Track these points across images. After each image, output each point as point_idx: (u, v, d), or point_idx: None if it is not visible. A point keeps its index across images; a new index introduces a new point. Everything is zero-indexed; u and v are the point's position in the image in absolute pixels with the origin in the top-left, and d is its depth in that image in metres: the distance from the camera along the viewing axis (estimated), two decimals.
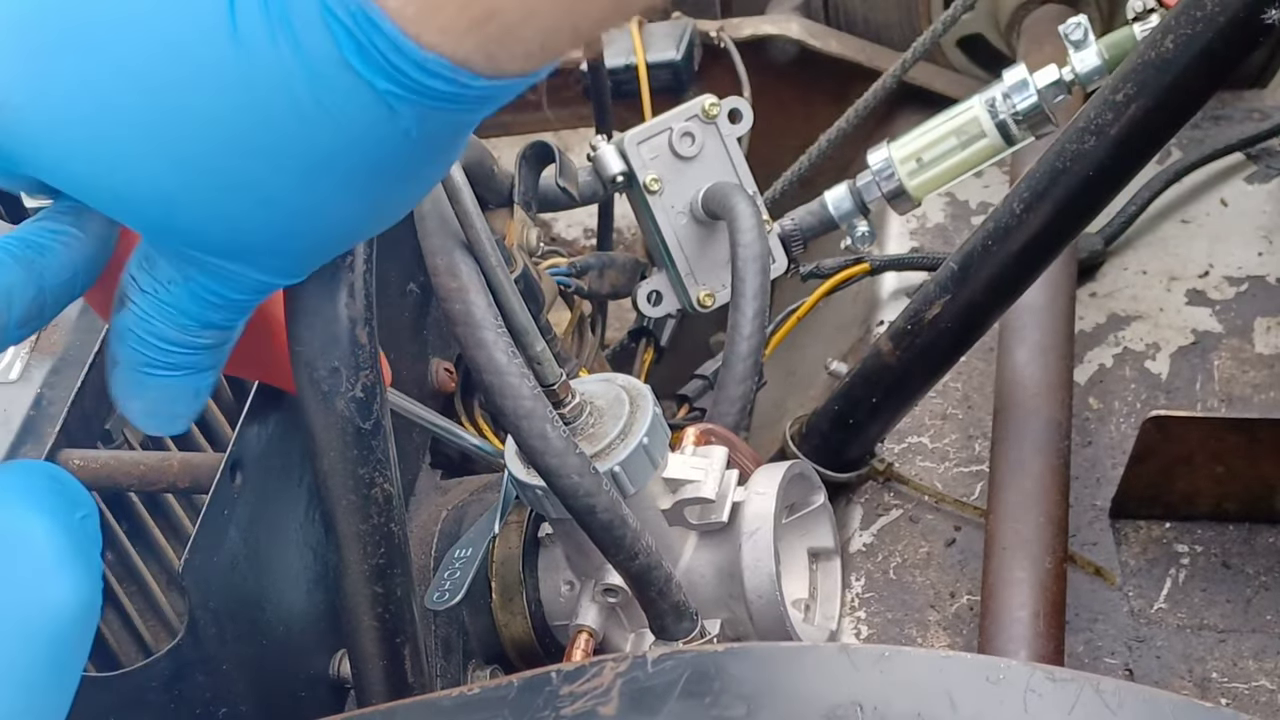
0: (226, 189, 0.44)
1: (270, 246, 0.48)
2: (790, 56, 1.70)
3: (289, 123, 0.42)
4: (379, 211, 0.49)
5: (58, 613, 0.42)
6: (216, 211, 0.45)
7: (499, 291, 0.76)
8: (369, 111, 0.42)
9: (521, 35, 0.42)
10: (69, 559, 0.43)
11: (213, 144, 0.43)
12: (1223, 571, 1.09)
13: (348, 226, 0.49)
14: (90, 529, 0.46)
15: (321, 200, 0.46)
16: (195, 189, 0.44)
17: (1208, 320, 1.31)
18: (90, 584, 0.44)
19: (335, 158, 0.44)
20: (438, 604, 0.87)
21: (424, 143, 0.45)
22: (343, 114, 0.42)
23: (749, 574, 0.87)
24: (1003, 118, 1.20)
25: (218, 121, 0.42)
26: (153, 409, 0.52)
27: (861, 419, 1.12)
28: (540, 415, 0.74)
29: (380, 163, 0.45)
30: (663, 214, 1.19)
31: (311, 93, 0.41)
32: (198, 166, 0.44)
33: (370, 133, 0.43)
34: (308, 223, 0.47)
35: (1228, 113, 1.55)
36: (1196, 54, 0.86)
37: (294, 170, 0.44)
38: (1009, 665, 0.52)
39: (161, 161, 0.44)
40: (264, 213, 0.45)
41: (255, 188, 0.44)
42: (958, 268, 1.01)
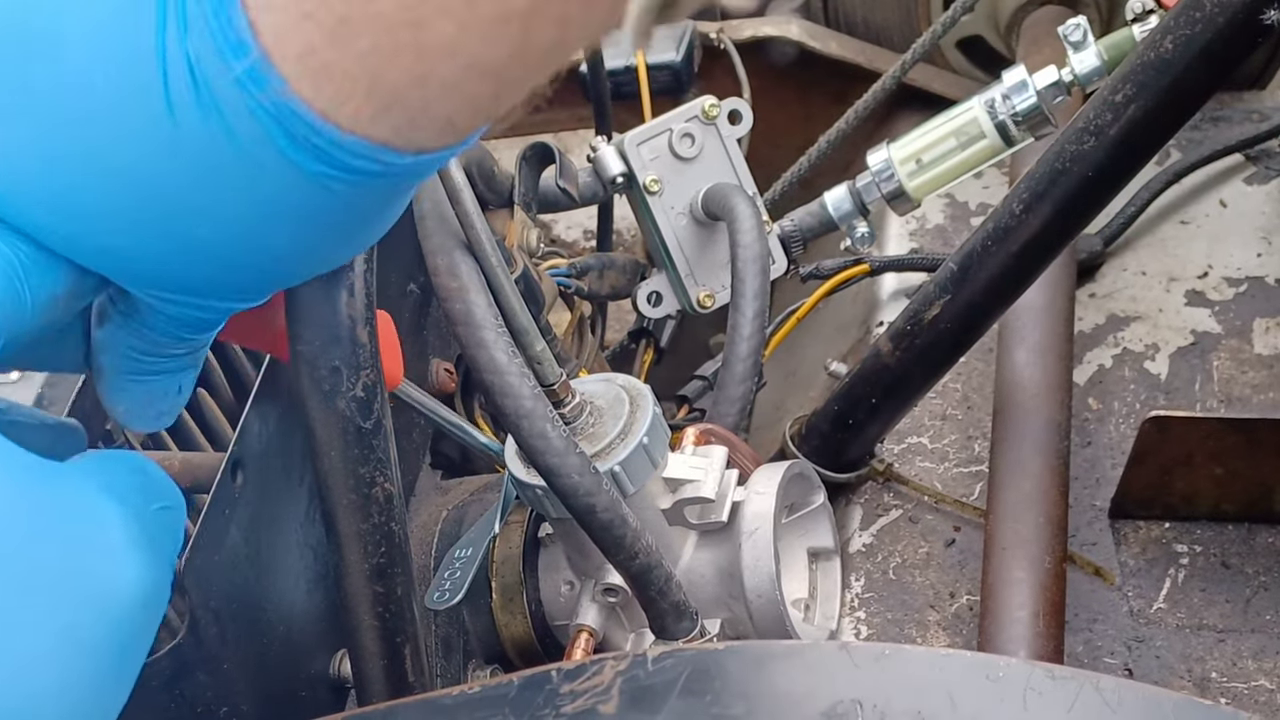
0: (173, 243, 0.46)
1: (226, 285, 0.49)
2: (790, 58, 1.70)
3: (226, 191, 0.44)
4: (337, 250, 0.51)
5: (123, 595, 0.43)
6: (166, 263, 0.47)
7: (499, 292, 0.76)
8: (303, 186, 0.44)
9: (427, 119, 0.43)
10: (138, 544, 0.44)
11: (157, 206, 0.45)
12: (1222, 571, 1.09)
13: (304, 264, 0.51)
14: (168, 521, 0.48)
15: (269, 251, 0.47)
16: (144, 244, 0.46)
17: (1207, 321, 1.31)
18: (158, 571, 0.45)
19: (276, 219, 0.45)
20: (438, 604, 0.87)
21: (365, 205, 0.46)
22: (278, 188, 0.44)
23: (749, 573, 0.87)
24: (1002, 119, 1.20)
25: (162, 186, 0.44)
26: (137, 410, 0.54)
27: (861, 419, 1.12)
28: (540, 415, 0.75)
29: (323, 221, 0.46)
30: (662, 215, 1.19)
31: (245, 170, 0.43)
32: (143, 226, 0.45)
33: (308, 202, 0.45)
34: (258, 268, 0.48)
35: (1227, 114, 1.56)
36: (1195, 55, 0.86)
37: (236, 229, 0.45)
38: (1009, 663, 0.52)
39: (109, 219, 0.45)
40: (214, 264, 0.47)
41: (200, 243, 0.46)
42: (957, 268, 1.01)
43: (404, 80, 0.42)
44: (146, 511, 0.46)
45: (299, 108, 0.42)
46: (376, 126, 0.43)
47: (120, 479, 0.46)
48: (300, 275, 0.52)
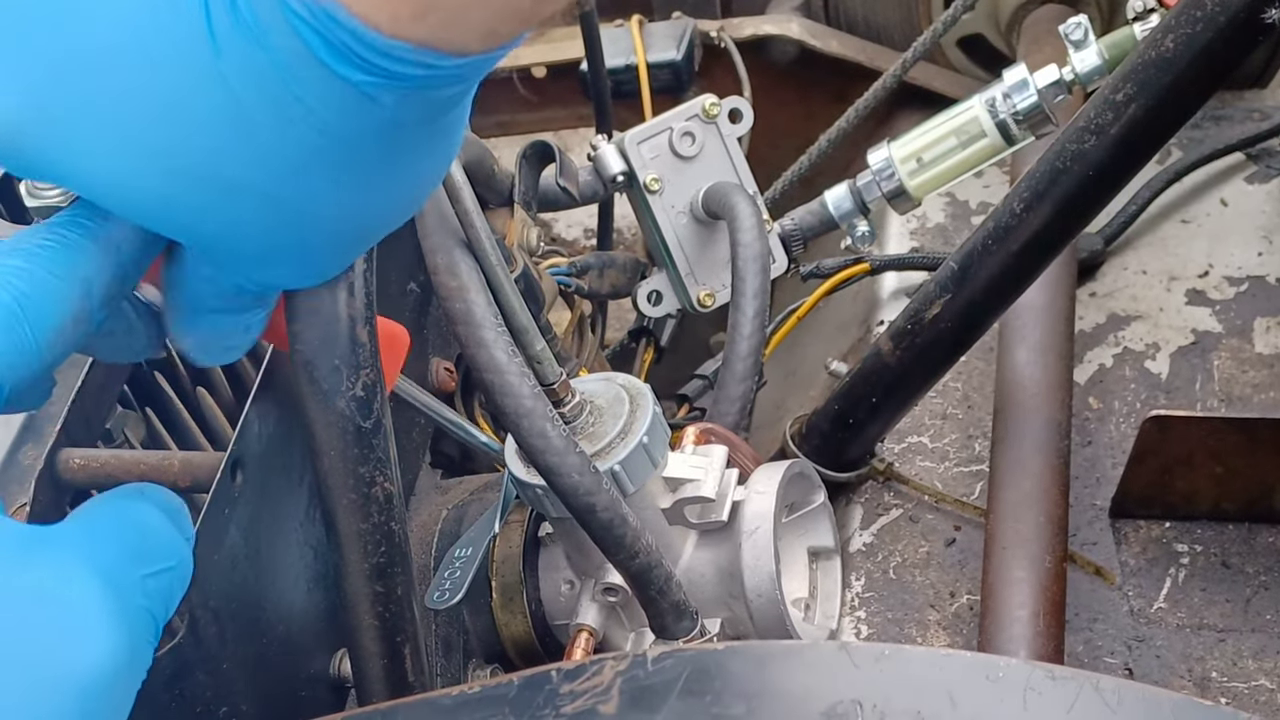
0: (224, 193, 0.45)
1: (281, 251, 0.49)
2: (790, 56, 1.70)
3: (274, 123, 0.43)
4: (386, 204, 0.50)
5: (88, 672, 0.43)
6: (219, 216, 0.46)
7: (499, 291, 0.76)
8: (350, 103, 0.43)
9: (467, 21, 0.43)
10: (112, 619, 0.44)
11: (205, 150, 0.44)
12: (1222, 571, 1.09)
13: (358, 223, 0.50)
14: (158, 585, 0.47)
15: (320, 197, 0.46)
16: (195, 194, 0.45)
17: (1207, 320, 1.31)
18: (133, 642, 0.44)
19: (326, 152, 0.45)
20: (438, 603, 0.87)
21: (413, 126, 0.46)
22: (325, 108, 0.43)
23: (749, 573, 0.87)
24: (1003, 117, 1.20)
25: (207, 129, 0.44)
26: (204, 345, 0.54)
27: (861, 418, 1.12)
28: (540, 414, 0.74)
29: (372, 152, 0.45)
30: (663, 214, 1.19)
31: (291, 92, 0.42)
32: (193, 173, 0.45)
33: (355, 123, 0.44)
34: (312, 222, 0.47)
35: (1228, 112, 1.55)
36: (1196, 53, 0.86)
37: (286, 169, 0.45)
38: (1009, 663, 0.52)
39: (159, 170, 0.45)
40: (266, 214, 0.46)
41: (251, 190, 0.45)
42: (958, 267, 1.01)
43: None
44: (129, 580, 0.46)
45: (338, 13, 0.41)
46: (417, 29, 0.42)
47: (108, 546, 0.46)
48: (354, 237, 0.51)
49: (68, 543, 0.45)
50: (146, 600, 0.46)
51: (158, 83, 0.43)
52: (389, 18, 0.42)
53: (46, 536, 0.45)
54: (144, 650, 0.46)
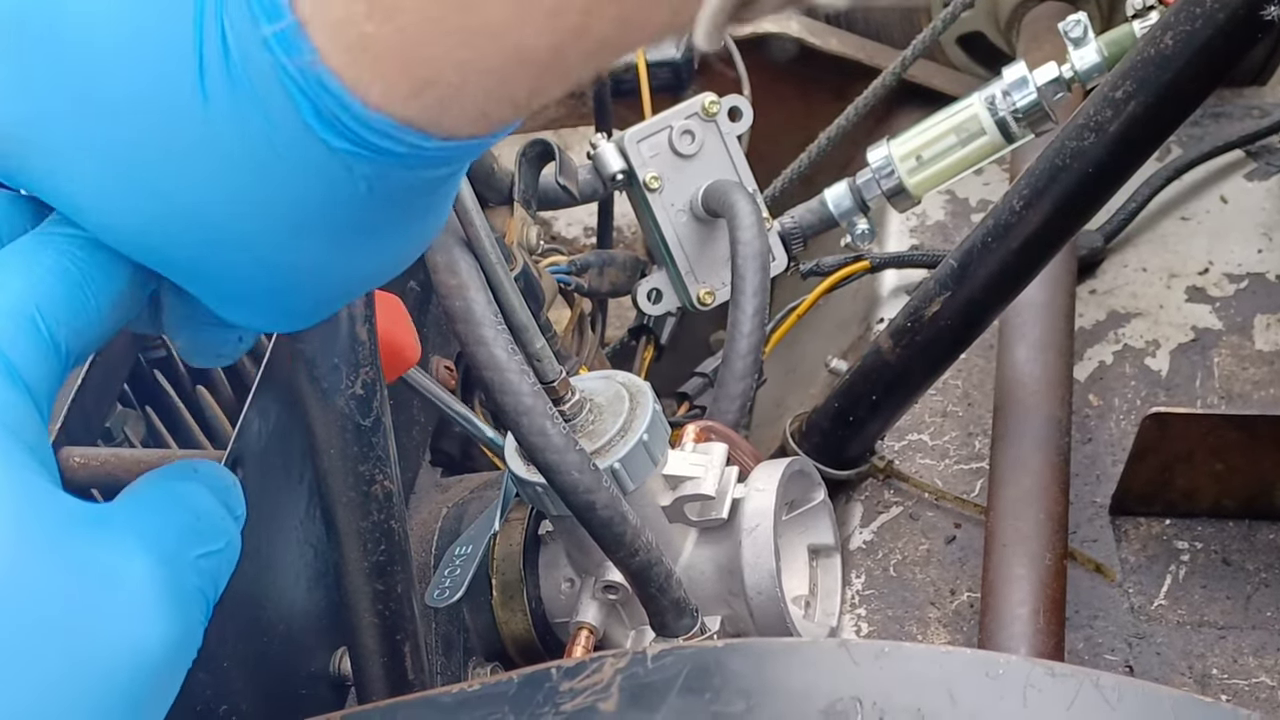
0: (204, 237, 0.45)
1: (258, 300, 0.48)
2: (790, 54, 1.70)
3: (255, 178, 0.43)
4: (366, 268, 0.49)
5: (139, 655, 0.42)
6: (198, 257, 0.46)
7: (499, 289, 0.76)
8: (331, 170, 0.43)
9: (460, 103, 0.42)
10: (164, 601, 0.43)
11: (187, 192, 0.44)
12: (1223, 568, 1.09)
13: (337, 281, 0.49)
14: (209, 566, 0.47)
15: (298, 254, 0.46)
16: (174, 233, 0.45)
17: (1207, 317, 1.31)
18: (183, 625, 0.44)
19: (304, 213, 0.44)
20: (438, 601, 0.87)
21: (390, 200, 0.45)
22: (304, 171, 0.43)
23: (749, 570, 0.87)
24: (1002, 115, 1.20)
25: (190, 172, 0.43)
26: (197, 349, 0.53)
27: (861, 416, 1.12)
28: (540, 412, 0.74)
29: (351, 220, 0.45)
30: (662, 212, 1.19)
31: (274, 149, 0.42)
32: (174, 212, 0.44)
33: (332, 191, 0.44)
34: (291, 276, 0.47)
35: (1227, 109, 1.55)
36: (1196, 51, 0.86)
37: (264, 223, 0.45)
38: (1009, 660, 0.52)
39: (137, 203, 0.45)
40: (244, 263, 0.46)
41: (230, 238, 0.45)
42: (958, 265, 1.01)
43: (443, 61, 0.41)
44: (184, 560, 0.45)
45: (328, 79, 0.41)
46: (406, 107, 0.42)
47: (163, 525, 0.46)
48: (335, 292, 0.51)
49: (124, 521, 0.45)
50: (199, 580, 0.46)
51: (145, 118, 0.43)
52: (381, 91, 0.41)
53: (102, 514, 0.44)
54: (196, 631, 0.45)
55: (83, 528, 0.43)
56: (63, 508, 0.42)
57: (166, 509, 0.47)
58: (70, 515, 0.43)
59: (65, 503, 0.43)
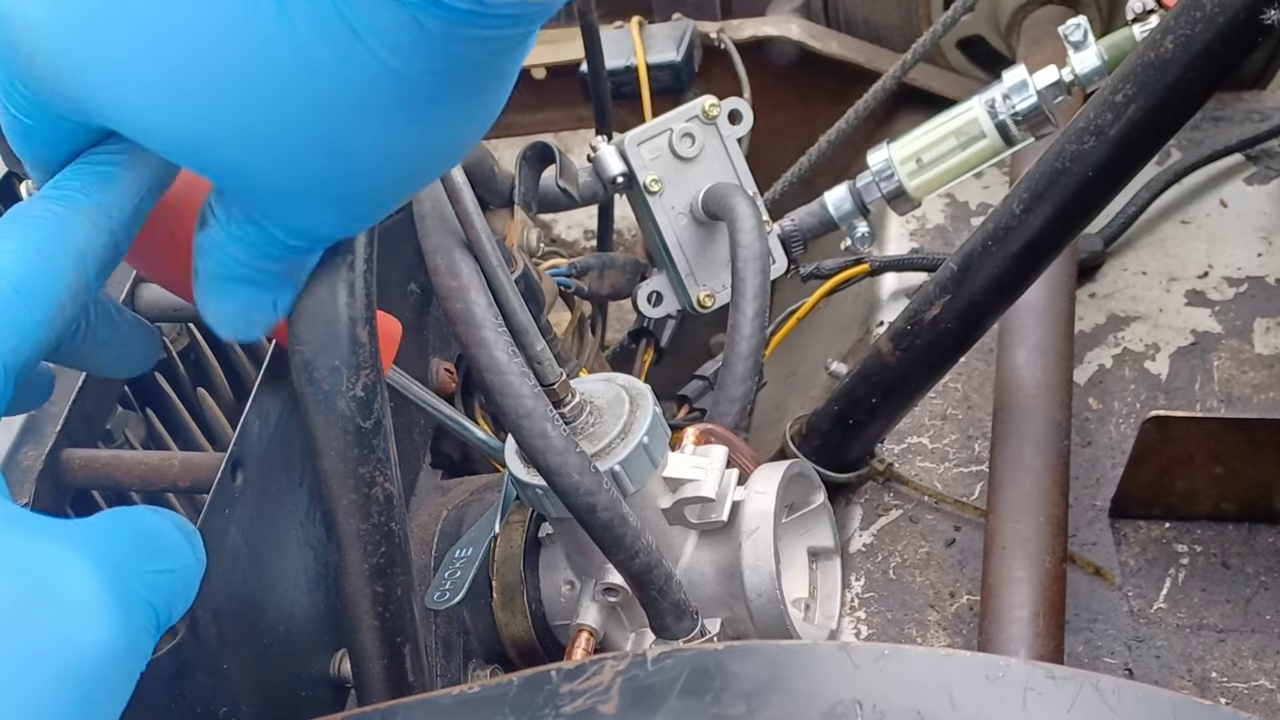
0: (274, 128, 0.46)
1: (323, 192, 0.49)
2: (790, 58, 1.70)
3: (328, 56, 0.44)
4: (430, 149, 0.50)
5: (84, 652, 0.43)
6: (266, 153, 0.46)
7: (499, 291, 0.76)
8: (401, 32, 0.44)
9: None
10: (102, 604, 0.44)
11: (257, 84, 0.44)
12: (1222, 571, 1.09)
13: (401, 166, 0.50)
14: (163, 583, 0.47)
15: (369, 134, 0.47)
16: (246, 133, 0.46)
17: (1207, 321, 1.31)
18: (124, 633, 0.44)
19: (378, 87, 0.45)
20: (438, 604, 0.87)
21: (455, 68, 0.46)
22: (378, 39, 0.44)
23: (749, 573, 0.87)
24: (1002, 118, 1.20)
25: (260, 62, 0.44)
26: (230, 318, 0.54)
27: (861, 419, 1.12)
28: (540, 414, 0.74)
29: (423, 90, 0.46)
30: (663, 215, 1.19)
31: (346, 22, 0.43)
32: (242, 107, 0.45)
33: (404, 55, 0.44)
34: (359, 161, 0.48)
35: (1227, 113, 1.56)
36: (1196, 55, 0.86)
37: (339, 104, 0.45)
38: (1009, 663, 0.52)
39: (205, 104, 0.45)
40: (313, 151, 0.47)
41: (301, 125, 0.46)
42: (957, 268, 1.01)
43: None
44: (131, 571, 0.46)
45: None
46: None
47: (110, 538, 0.46)
48: (395, 181, 0.51)
49: (71, 531, 0.45)
50: (147, 592, 0.46)
51: (209, 11, 0.43)
52: None
53: (50, 524, 0.45)
54: (143, 640, 0.46)
55: (26, 533, 0.43)
56: (6, 513, 0.43)
57: (116, 526, 0.47)
58: (13, 520, 0.43)
59: (9, 510, 0.44)
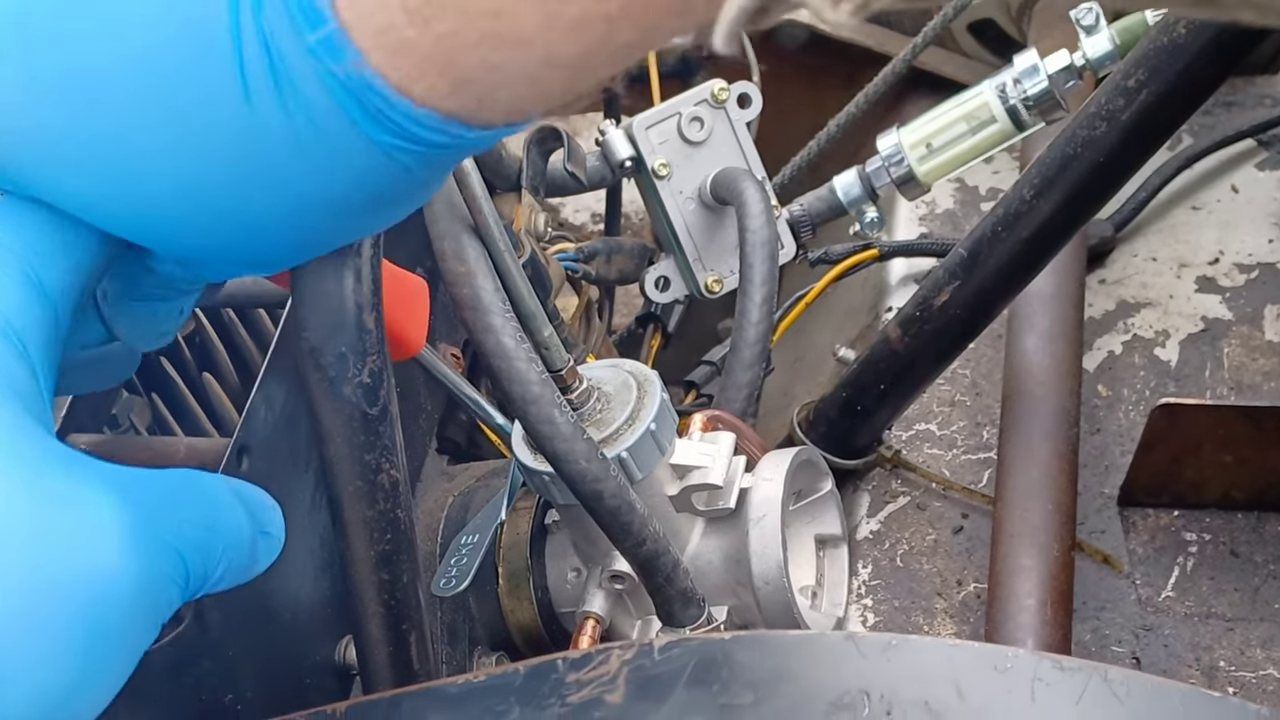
0: (222, 219, 0.47)
1: (263, 264, 0.51)
2: (799, 41, 1.69)
3: (297, 170, 0.45)
4: (378, 221, 0.52)
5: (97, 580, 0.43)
6: (211, 239, 0.48)
7: (506, 276, 0.76)
8: (374, 160, 0.46)
9: (495, 99, 0.45)
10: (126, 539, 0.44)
11: (213, 183, 0.46)
12: (1231, 560, 1.09)
13: (342, 235, 0.53)
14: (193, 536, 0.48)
15: (321, 230, 0.49)
16: (192, 219, 0.47)
17: (1218, 307, 1.30)
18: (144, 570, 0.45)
19: (340, 198, 0.47)
20: (444, 590, 0.87)
21: (422, 176, 0.48)
22: (348, 165, 0.46)
23: (756, 560, 0.87)
24: (1013, 103, 1.19)
25: (223, 166, 0.45)
26: (138, 331, 0.55)
27: (869, 406, 1.11)
28: (548, 400, 0.74)
29: (378, 196, 0.48)
30: (671, 199, 1.18)
31: (320, 145, 0.45)
32: (198, 202, 0.46)
33: (371, 176, 0.46)
34: (297, 241, 0.50)
35: (1239, 99, 1.55)
36: (1208, 40, 0.85)
37: (293, 202, 0.47)
38: (1016, 654, 0.51)
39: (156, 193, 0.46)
40: (265, 239, 0.49)
41: (250, 218, 0.47)
42: (967, 254, 1.00)
43: (479, 65, 0.43)
44: (163, 517, 0.46)
45: (374, 80, 0.43)
46: (447, 103, 0.45)
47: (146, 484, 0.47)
48: (331, 245, 0.53)
49: (106, 471, 0.46)
50: (177, 541, 0.47)
51: (178, 119, 0.44)
52: (423, 90, 0.44)
53: (87, 461, 0.46)
54: (164, 585, 0.46)
55: (61, 463, 0.44)
56: (42, 444, 0.44)
57: (158, 477, 0.48)
58: (49, 451, 0.44)
59: (45, 440, 0.44)
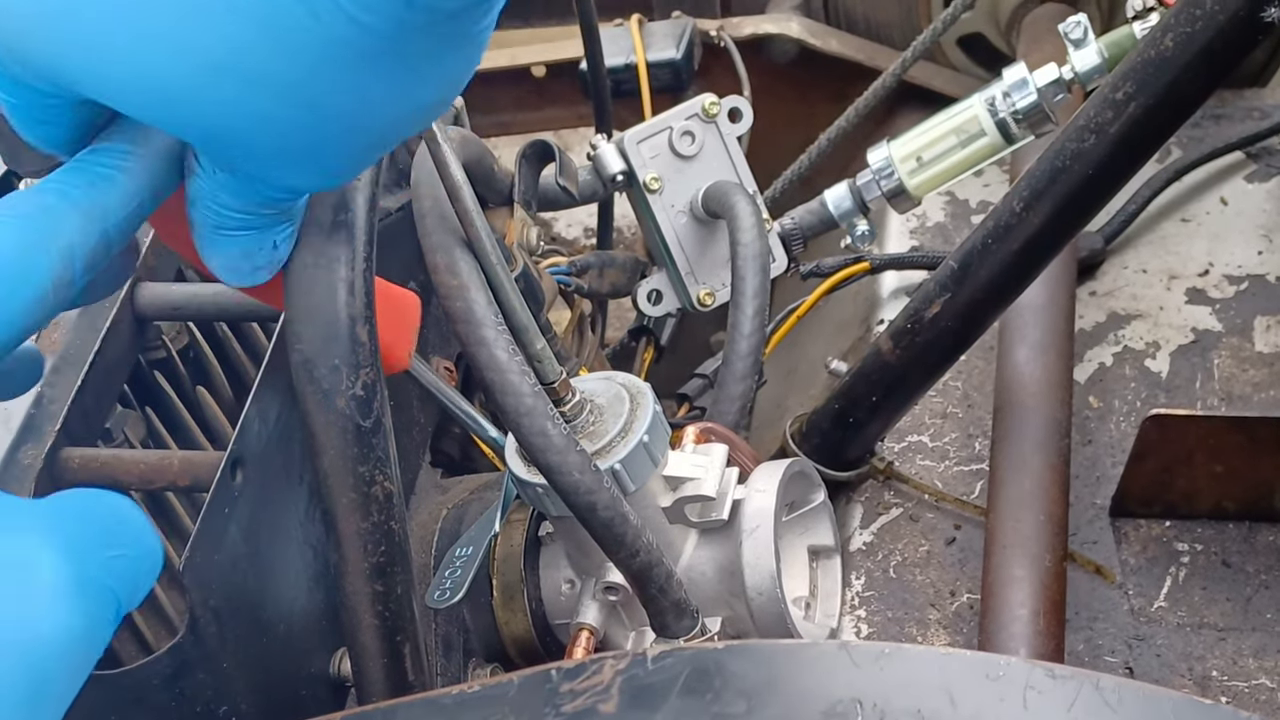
0: (247, 87, 0.46)
1: (299, 148, 0.50)
2: (790, 56, 1.70)
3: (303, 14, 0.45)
4: (405, 105, 0.51)
5: (37, 638, 0.43)
6: (239, 111, 0.47)
7: (499, 289, 0.76)
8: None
9: None
10: (63, 590, 0.44)
11: (230, 44, 0.45)
12: (1222, 570, 1.09)
13: (376, 122, 0.51)
14: (121, 568, 0.47)
15: (342, 91, 0.47)
16: (216, 89, 0.46)
17: (1207, 319, 1.31)
18: (83, 619, 0.44)
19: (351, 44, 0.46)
20: (438, 602, 0.87)
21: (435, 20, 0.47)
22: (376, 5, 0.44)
23: (749, 571, 0.87)
24: (1002, 116, 1.20)
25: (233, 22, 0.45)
26: (232, 264, 0.55)
27: (861, 417, 1.12)
28: (541, 413, 0.74)
29: (395, 47, 0.47)
30: (663, 213, 1.19)
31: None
32: (216, 67, 0.46)
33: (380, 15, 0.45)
34: (332, 117, 0.48)
35: (1227, 111, 1.55)
36: (1196, 52, 0.86)
37: (311, 61, 0.46)
38: (1009, 662, 0.51)
39: (181, 65, 0.46)
40: (288, 108, 0.47)
41: (275, 83, 0.46)
42: (958, 266, 1.01)
43: None
44: (94, 557, 0.46)
45: None
46: None
47: (74, 520, 0.46)
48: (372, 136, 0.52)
49: (33, 511, 0.45)
50: (110, 579, 0.46)
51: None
52: None
53: (14, 503, 0.45)
54: (101, 627, 0.46)
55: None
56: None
57: (81, 508, 0.47)
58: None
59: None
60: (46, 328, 0.81)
